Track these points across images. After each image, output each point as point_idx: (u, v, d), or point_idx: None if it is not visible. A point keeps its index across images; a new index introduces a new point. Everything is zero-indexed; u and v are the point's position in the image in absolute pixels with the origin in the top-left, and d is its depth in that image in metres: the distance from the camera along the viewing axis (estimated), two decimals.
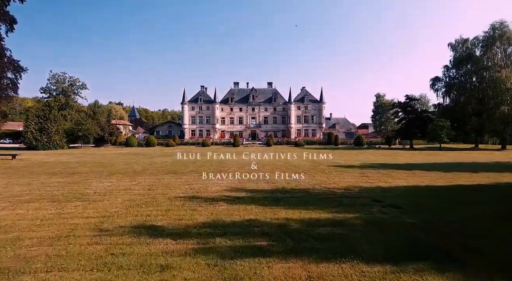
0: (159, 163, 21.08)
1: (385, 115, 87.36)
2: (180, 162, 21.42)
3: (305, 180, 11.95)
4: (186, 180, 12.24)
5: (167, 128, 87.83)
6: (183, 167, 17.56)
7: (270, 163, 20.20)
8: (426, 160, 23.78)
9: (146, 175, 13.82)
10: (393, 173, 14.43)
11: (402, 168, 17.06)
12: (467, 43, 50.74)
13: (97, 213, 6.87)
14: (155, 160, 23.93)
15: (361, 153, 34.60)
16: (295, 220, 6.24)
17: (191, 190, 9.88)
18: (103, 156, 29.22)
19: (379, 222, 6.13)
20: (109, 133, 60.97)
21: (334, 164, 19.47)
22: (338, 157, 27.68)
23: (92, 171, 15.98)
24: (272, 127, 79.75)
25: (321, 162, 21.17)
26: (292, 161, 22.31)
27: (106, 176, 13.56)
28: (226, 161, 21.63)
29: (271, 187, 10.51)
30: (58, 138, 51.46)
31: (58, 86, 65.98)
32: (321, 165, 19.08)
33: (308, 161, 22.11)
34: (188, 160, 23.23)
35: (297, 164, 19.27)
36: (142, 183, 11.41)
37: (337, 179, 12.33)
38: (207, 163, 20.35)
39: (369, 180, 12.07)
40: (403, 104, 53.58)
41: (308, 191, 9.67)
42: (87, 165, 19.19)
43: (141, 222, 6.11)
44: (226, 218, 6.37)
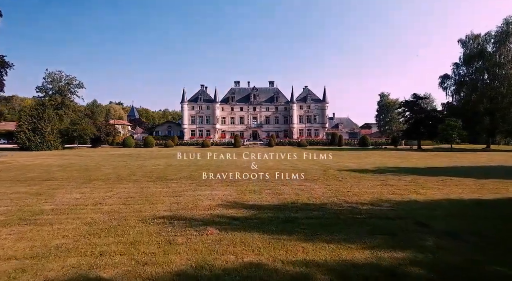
0: (150, 166, 18.99)
1: (389, 115, 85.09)
2: (173, 165, 19.32)
3: (318, 190, 9.83)
4: (174, 190, 10.13)
5: (166, 128, 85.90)
6: (175, 172, 15.46)
7: (273, 166, 18.07)
8: (445, 163, 21.55)
9: (129, 183, 11.72)
10: (419, 180, 12.26)
11: (425, 173, 14.86)
12: (478, 39, 48.38)
13: (29, 249, 4.74)
14: (148, 162, 21.84)
15: (369, 154, 32.39)
16: (320, 265, 4.10)
17: (177, 206, 7.77)
18: (93, 158, 27.17)
19: (451, 272, 3.99)
20: (106, 133, 59.02)
21: (345, 168, 17.32)
22: (347, 159, 25.53)
23: (70, 176, 13.91)
24: (274, 127, 77.56)
25: (329, 165, 19.04)
26: (297, 164, 20.17)
27: (81, 184, 11.48)
28: (224, 164, 19.51)
29: (277, 200, 8.38)
30: (53, 139, 49.52)
31: (54, 85, 63.96)
32: (330, 169, 16.95)
33: (315, 164, 19.97)
34: (183, 163, 21.13)
35: (304, 168, 17.13)
36: (119, 194, 9.30)
37: (356, 188, 10.20)
38: (203, 167, 18.23)
39: (396, 190, 9.91)
40: (411, 103, 51.25)
41: (325, 207, 7.54)
42: (68, 169, 17.12)
43: (83, 270, 3.98)
44: (215, 261, 4.24)
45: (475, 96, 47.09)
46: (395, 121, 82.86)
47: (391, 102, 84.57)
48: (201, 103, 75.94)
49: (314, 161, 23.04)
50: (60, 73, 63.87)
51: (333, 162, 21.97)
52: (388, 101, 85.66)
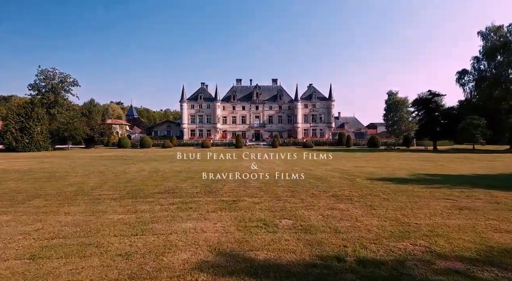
0: (133, 173, 15.42)
1: (398, 114, 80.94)
2: (161, 171, 15.74)
3: (366, 221, 6.17)
4: (140, 218, 6.51)
5: (165, 128, 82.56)
6: (158, 182, 11.87)
7: (283, 174, 14.37)
8: (487, 169, 17.65)
9: (81, 203, 8.11)
10: (499, 198, 8.55)
11: (489, 185, 11.07)
12: (501, 31, 44.45)
13: None
14: (132, 168, 18.26)
15: (387, 156, 28.61)
16: None
17: (123, 265, 4.17)
18: (75, 161, 23.68)
19: None
20: (100, 133, 55.65)
21: (372, 176, 13.64)
22: (364, 162, 21.84)
23: (15, 189, 10.37)
24: (277, 126, 73.86)
25: (350, 171, 15.39)
26: (311, 169, 16.50)
27: (10, 206, 7.91)
28: (223, 169, 15.85)
29: (308, 250, 4.63)
30: (42, 139, 46.20)
31: (47, 82, 60.52)
32: (355, 176, 13.28)
33: (332, 169, 16.31)
34: (174, 168, 17.51)
35: (322, 176, 13.48)
36: (43, 231, 5.64)
37: (424, 216, 6.51)
38: (196, 174, 14.62)
39: (492, 222, 6.19)
40: (425, 100, 47.32)
41: (407, 273, 3.89)
42: (26, 178, 13.55)
43: None
44: None
45: (498, 92, 43.18)
46: (404, 121, 78.93)
47: (400, 100, 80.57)
48: (201, 101, 72.40)
49: (328, 165, 19.37)
50: (54, 70, 60.47)
51: (352, 166, 18.30)
52: (396, 99, 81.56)
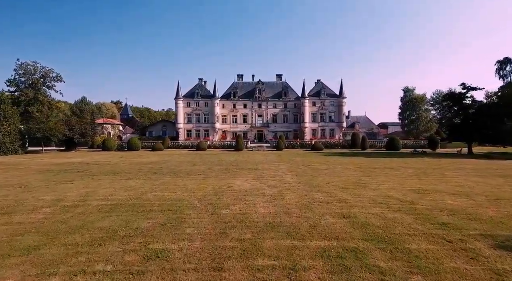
0: (44, 206, 8.68)
1: (415, 113, 72.99)
2: (91, 206, 8.97)
3: None
4: None
5: (161, 128, 75.89)
6: (83, 227, 5.16)
7: (298, 218, 7.46)
8: None
9: None
10: None
11: None
12: None
13: None
14: (67, 192, 11.53)
15: (427, 165, 21.29)
16: None
17: None
18: (19, 171, 17.08)
19: None
20: (80, 134, 49.07)
21: (452, 211, 6.71)
22: (417, 180, 14.76)
23: None
24: (282, 126, 66.83)
25: (423, 209, 8.45)
26: (346, 198, 9.56)
27: None
28: (190, 212, 9.02)
29: None
30: (9, 141, 39.85)
31: (28, 77, 53.92)
32: (428, 215, 6.38)
33: (388, 205, 9.30)
34: (116, 196, 10.68)
35: (385, 231, 6.62)
36: None
37: None
38: (160, 209, 7.78)
39: None
40: (458, 95, 39.91)
41: None
42: None
43: None
44: None
45: None
46: (423, 120, 71.17)
47: (418, 97, 72.69)
48: (198, 99, 65.68)
49: (367, 187, 12.34)
50: (35, 64, 53.95)
51: (408, 191, 11.36)
52: (413, 96, 73.67)
